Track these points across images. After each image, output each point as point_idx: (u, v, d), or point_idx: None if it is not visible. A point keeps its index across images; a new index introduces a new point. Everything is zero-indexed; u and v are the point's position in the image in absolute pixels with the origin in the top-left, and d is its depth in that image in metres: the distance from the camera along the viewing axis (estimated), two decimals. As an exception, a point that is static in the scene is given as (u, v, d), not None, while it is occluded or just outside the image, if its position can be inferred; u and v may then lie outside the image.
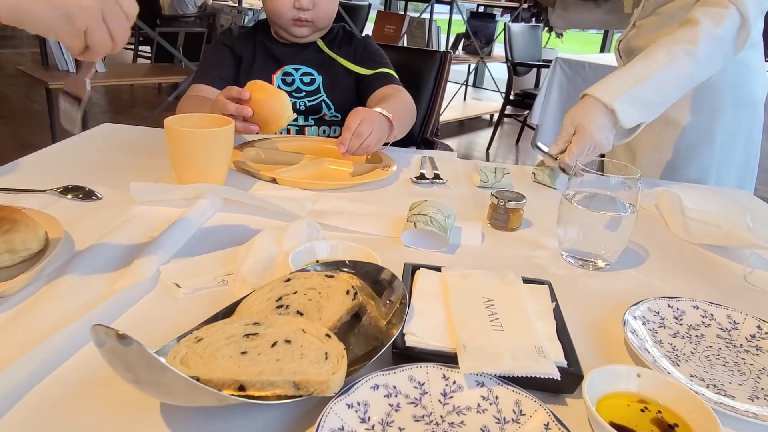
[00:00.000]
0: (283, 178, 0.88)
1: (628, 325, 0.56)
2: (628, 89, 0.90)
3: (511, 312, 0.54)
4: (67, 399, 0.43)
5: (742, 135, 1.17)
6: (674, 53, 0.90)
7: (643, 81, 0.90)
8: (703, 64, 0.91)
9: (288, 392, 0.41)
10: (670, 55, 0.90)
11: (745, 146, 1.19)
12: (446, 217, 0.73)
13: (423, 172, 0.99)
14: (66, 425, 0.40)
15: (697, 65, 0.91)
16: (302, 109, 1.19)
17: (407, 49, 1.89)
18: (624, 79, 0.92)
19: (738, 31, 0.91)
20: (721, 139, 1.16)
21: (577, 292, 0.66)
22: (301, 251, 0.61)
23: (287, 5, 1.11)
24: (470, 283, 0.58)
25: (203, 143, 0.80)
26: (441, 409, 0.44)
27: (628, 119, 0.91)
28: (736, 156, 1.18)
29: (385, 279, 0.56)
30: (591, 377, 0.45)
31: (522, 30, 4.17)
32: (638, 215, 0.88)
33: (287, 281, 0.54)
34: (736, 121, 1.15)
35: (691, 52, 0.90)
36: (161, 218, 0.72)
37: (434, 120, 1.60)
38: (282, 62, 1.19)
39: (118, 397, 0.43)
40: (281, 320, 0.48)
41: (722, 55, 0.93)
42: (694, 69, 0.91)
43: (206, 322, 0.49)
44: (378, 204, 0.85)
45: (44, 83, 2.41)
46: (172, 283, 0.58)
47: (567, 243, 0.73)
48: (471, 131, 4.92)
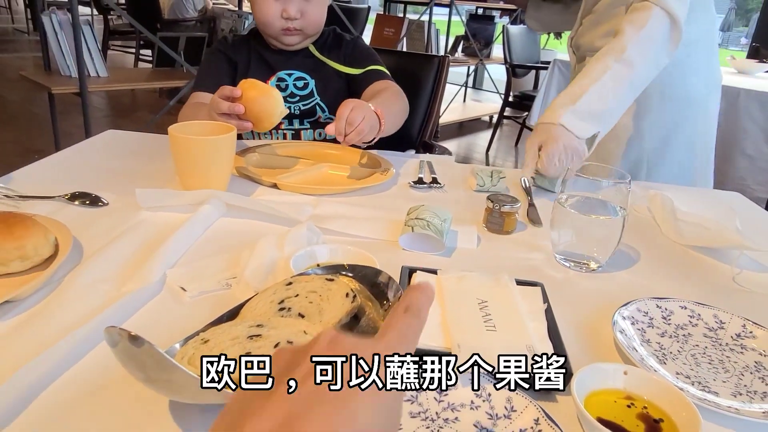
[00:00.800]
0: (284, 184, 0.91)
1: (617, 325, 0.58)
2: (570, 105, 0.96)
3: (504, 313, 0.56)
4: (79, 399, 0.45)
5: (678, 132, 1.21)
6: (606, 63, 0.96)
7: (582, 95, 0.95)
8: (639, 67, 0.96)
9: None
10: (603, 66, 0.96)
11: (687, 144, 1.22)
12: (443, 221, 0.75)
13: (421, 177, 1.02)
14: (78, 425, 0.43)
15: (632, 69, 0.96)
16: (297, 113, 1.22)
17: (406, 53, 1.91)
18: (565, 97, 0.97)
19: (670, 29, 0.96)
20: (649, 134, 1.21)
21: (569, 294, 0.68)
22: (302, 255, 0.64)
23: (275, 15, 1.14)
24: (465, 285, 0.60)
25: (206, 150, 0.82)
26: (436, 406, 0.46)
27: (581, 131, 0.95)
28: (673, 153, 1.22)
29: (383, 282, 0.58)
30: (579, 375, 0.47)
31: (520, 32, 4.19)
32: (630, 218, 0.91)
33: (289, 284, 0.56)
34: (665, 118, 1.20)
35: (621, 59, 0.95)
36: (166, 224, 0.74)
37: (433, 123, 1.62)
38: (275, 68, 1.21)
39: (128, 397, 0.45)
40: (283, 322, 0.50)
41: (655, 54, 0.98)
42: (631, 73, 0.96)
43: (212, 324, 0.51)
44: (377, 208, 0.87)
45: (47, 88, 2.43)
46: (178, 286, 0.61)
47: (560, 246, 0.75)
48: (471, 133, 4.94)
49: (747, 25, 12.55)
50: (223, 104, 0.93)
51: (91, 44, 2.57)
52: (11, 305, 0.55)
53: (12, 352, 0.49)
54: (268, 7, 1.13)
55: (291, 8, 1.12)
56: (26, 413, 0.43)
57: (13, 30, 8.23)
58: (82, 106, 2.44)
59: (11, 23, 8.71)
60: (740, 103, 2.55)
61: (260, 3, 1.14)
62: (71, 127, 3.27)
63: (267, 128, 0.97)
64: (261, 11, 1.14)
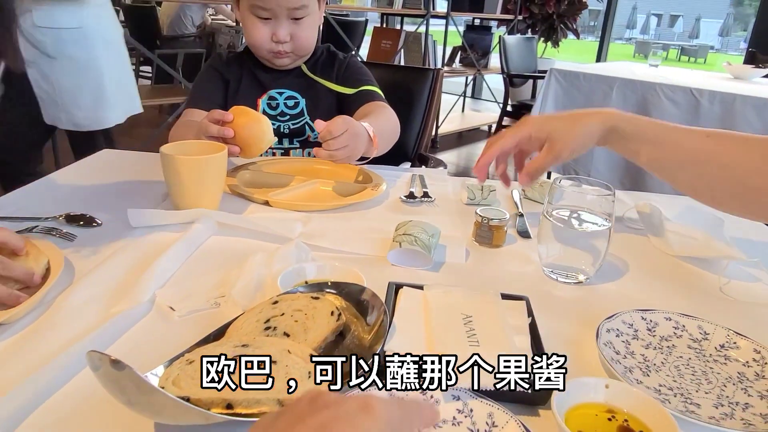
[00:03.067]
0: (275, 201, 0.92)
1: (602, 338, 0.58)
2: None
3: (488, 327, 0.56)
4: (67, 420, 0.46)
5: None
6: None
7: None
8: None
9: (273, 409, 0.43)
10: None
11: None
12: (430, 236, 0.76)
13: (412, 191, 1.03)
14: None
15: None
16: (287, 132, 1.23)
17: (400, 67, 1.94)
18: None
19: None
20: None
21: (556, 307, 0.68)
22: (289, 272, 0.64)
23: (265, 39, 1.15)
24: (450, 300, 0.61)
25: (197, 169, 0.83)
26: (418, 423, 0.47)
27: None
28: None
29: (367, 299, 0.59)
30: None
31: (517, 42, 4.22)
32: (620, 229, 0.91)
33: (275, 303, 0.57)
34: None
35: None
36: (158, 243, 0.75)
37: (428, 135, 1.64)
38: (267, 87, 1.23)
39: (115, 419, 0.46)
40: (268, 342, 0.51)
41: None
42: None
43: (198, 344, 0.52)
44: (367, 224, 0.88)
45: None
46: (167, 306, 0.61)
47: (548, 259, 0.76)
48: (470, 142, 4.96)
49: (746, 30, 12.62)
50: (213, 128, 0.94)
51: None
52: (1, 328, 0.55)
53: (1, 375, 0.50)
54: (257, 31, 1.15)
55: (280, 32, 1.14)
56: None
57: (15, 49, 8.30)
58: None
59: (14, 42, 8.77)
60: (736, 108, 2.56)
61: (250, 26, 1.15)
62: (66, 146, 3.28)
63: (255, 155, 0.97)
64: (251, 35, 1.16)
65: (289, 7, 1.12)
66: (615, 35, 7.55)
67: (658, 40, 19.21)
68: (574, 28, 5.54)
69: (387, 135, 1.14)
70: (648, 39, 20.17)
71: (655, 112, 2.83)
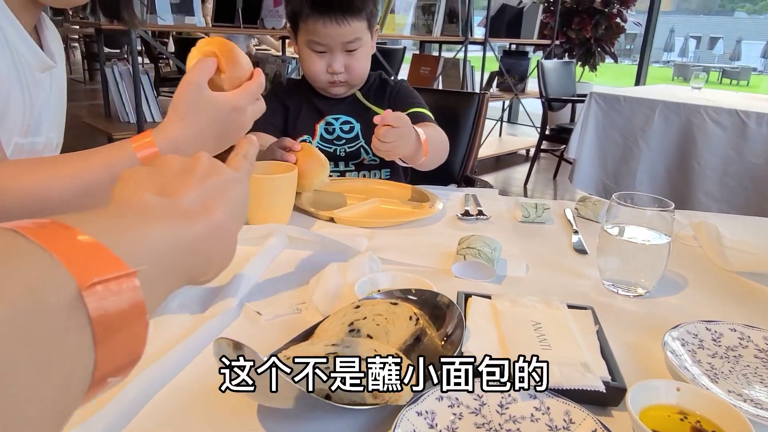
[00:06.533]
0: (340, 217, 0.97)
1: (668, 346, 0.61)
2: None
3: (558, 333, 0.59)
4: (172, 413, 0.50)
5: None
6: None
7: None
8: None
9: (367, 401, 0.48)
10: None
11: None
12: (492, 249, 0.80)
13: (467, 209, 1.07)
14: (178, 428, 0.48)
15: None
16: (343, 155, 1.29)
17: (446, 92, 1.99)
18: None
19: None
20: None
21: (618, 318, 0.71)
22: (365, 281, 0.69)
23: (321, 71, 1.22)
24: (518, 309, 0.65)
25: (270, 188, 0.90)
26: (499, 418, 0.50)
27: None
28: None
29: (443, 305, 0.62)
30: (633, 391, 0.50)
31: (555, 66, 4.25)
32: (677, 246, 0.93)
33: (357, 308, 0.61)
34: None
35: None
36: (237, 255, 0.80)
37: (474, 158, 1.68)
38: (324, 113, 1.30)
39: (220, 407, 0.50)
40: (355, 342, 0.55)
41: None
42: None
43: (289, 343, 0.57)
44: (428, 239, 0.93)
45: (108, 133, 2.61)
46: (254, 311, 0.67)
47: (608, 272, 0.78)
48: (507, 167, 4.97)
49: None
50: (278, 153, 1.01)
51: (148, 92, 2.75)
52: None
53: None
54: (313, 64, 1.22)
55: (335, 64, 1.21)
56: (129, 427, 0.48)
57: (70, 80, 8.77)
58: (140, 150, 2.60)
59: (69, 74, 9.27)
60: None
61: (307, 59, 1.23)
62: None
63: (306, 189, 1.02)
64: (308, 67, 1.24)
65: (344, 42, 1.19)
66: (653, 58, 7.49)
67: (698, 63, 18.90)
68: (612, 51, 5.55)
69: (436, 148, 1.18)
70: (687, 61, 19.86)
71: (700, 135, 2.81)
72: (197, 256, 0.39)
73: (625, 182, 3.08)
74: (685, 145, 2.88)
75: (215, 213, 0.41)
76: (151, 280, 0.32)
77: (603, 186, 3.19)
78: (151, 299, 0.30)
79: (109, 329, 0.27)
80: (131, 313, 0.28)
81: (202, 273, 0.41)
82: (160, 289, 0.35)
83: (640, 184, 3.03)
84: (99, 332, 0.27)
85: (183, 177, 0.42)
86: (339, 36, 1.18)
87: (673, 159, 2.93)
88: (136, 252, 0.32)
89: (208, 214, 0.40)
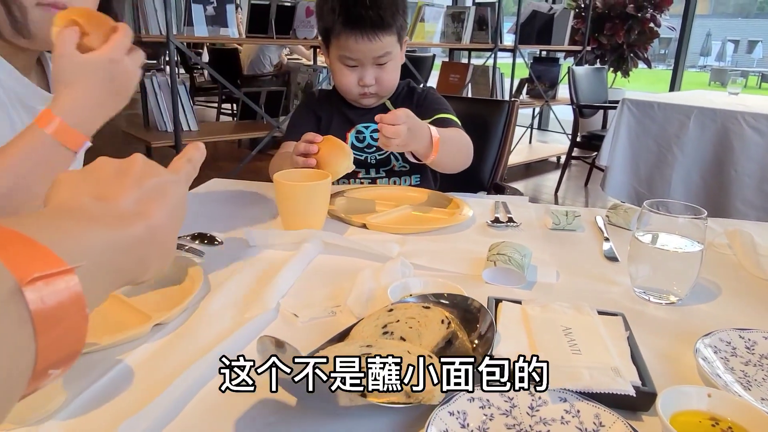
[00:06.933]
0: (372, 224, 0.99)
1: (700, 353, 0.61)
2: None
3: (588, 338, 0.60)
4: (215, 410, 0.53)
5: None
6: None
7: None
8: None
9: (401, 400, 0.49)
10: None
11: None
12: (523, 256, 0.81)
13: (497, 216, 1.08)
14: (220, 426, 0.51)
15: None
16: (374, 163, 1.32)
17: (476, 99, 2.01)
18: None
19: None
20: None
21: (649, 325, 0.71)
22: (398, 286, 0.71)
23: (353, 84, 1.26)
24: (549, 314, 0.66)
25: (306, 194, 0.93)
26: (529, 420, 0.51)
27: None
28: None
29: (474, 309, 0.64)
30: (663, 396, 0.51)
31: (586, 72, 4.21)
32: (711, 254, 0.92)
33: (390, 311, 0.63)
34: None
35: None
36: (274, 259, 0.84)
37: (504, 165, 1.69)
38: (354, 122, 1.33)
39: (260, 404, 0.53)
40: (389, 344, 0.57)
41: None
42: None
43: (326, 344, 0.59)
44: (458, 245, 0.94)
45: (147, 142, 2.70)
46: (291, 313, 0.69)
47: (639, 280, 0.79)
48: (538, 174, 4.94)
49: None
50: (301, 145, 1.06)
51: (184, 101, 2.84)
52: (160, 327, 0.65)
53: (163, 366, 0.59)
54: (345, 77, 1.25)
55: (367, 77, 1.24)
56: (176, 421, 0.51)
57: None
58: (177, 158, 2.68)
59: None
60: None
61: (338, 73, 1.26)
62: (162, 177, 3.56)
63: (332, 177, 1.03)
64: (340, 80, 1.27)
65: (375, 56, 1.22)
66: (688, 63, 7.33)
67: (736, 67, 18.38)
68: (645, 57, 5.46)
69: (452, 148, 1.18)
70: (724, 66, 19.34)
71: (737, 142, 2.75)
72: (134, 257, 0.40)
73: (659, 190, 3.03)
74: (721, 152, 2.82)
75: (153, 215, 0.42)
76: (90, 279, 0.33)
77: (636, 194, 3.14)
78: (90, 297, 0.32)
79: (49, 322, 0.29)
80: (71, 307, 0.30)
81: (141, 273, 0.42)
82: (99, 288, 0.36)
83: (675, 191, 2.97)
84: (39, 325, 0.28)
85: (118, 180, 0.43)
86: (370, 51, 1.21)
87: (709, 166, 2.88)
88: (74, 252, 0.33)
89: (146, 216, 0.41)
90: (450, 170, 1.24)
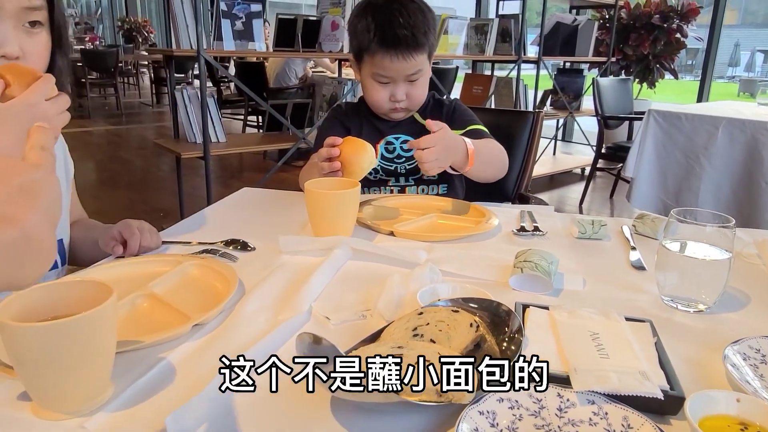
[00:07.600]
0: (400, 231, 1.02)
1: (728, 360, 0.61)
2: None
3: (616, 343, 0.61)
4: (252, 406, 0.55)
5: None
6: None
7: None
8: None
9: (432, 399, 0.51)
10: None
11: None
12: (549, 263, 0.82)
13: (523, 225, 1.09)
14: (258, 424, 0.53)
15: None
16: (403, 172, 1.35)
17: (500, 111, 2.01)
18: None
19: None
20: None
21: (677, 332, 0.71)
22: (427, 290, 0.73)
23: (383, 100, 1.29)
24: (576, 319, 0.67)
25: (336, 202, 0.96)
26: (558, 421, 0.52)
27: None
28: None
29: (502, 313, 0.65)
30: (692, 400, 0.51)
31: (611, 83, 4.19)
32: (740, 264, 0.92)
33: (420, 314, 0.65)
34: None
35: None
36: (305, 264, 0.87)
37: (528, 176, 1.69)
38: (384, 133, 1.36)
39: (294, 401, 0.55)
40: (420, 345, 0.59)
41: None
42: None
43: (359, 345, 0.61)
44: (485, 253, 0.95)
45: (176, 154, 2.78)
46: (323, 316, 0.72)
47: (667, 288, 0.79)
48: (562, 185, 4.90)
49: None
50: (323, 150, 1.09)
51: (213, 114, 2.91)
52: (199, 327, 0.68)
53: (202, 363, 0.61)
54: (376, 93, 1.29)
55: (398, 93, 1.27)
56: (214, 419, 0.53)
57: (139, 104, 9.33)
58: (205, 169, 2.75)
59: (138, 98, 9.89)
60: None
61: (370, 89, 1.30)
62: (188, 188, 3.66)
63: (357, 176, 1.07)
64: (371, 96, 1.30)
65: (407, 74, 1.26)
66: (716, 74, 7.22)
67: (766, 78, 18.02)
68: (672, 68, 5.41)
69: (488, 158, 1.22)
70: (754, 77, 18.95)
71: (767, 152, 2.71)
72: (11, 262, 0.40)
73: (687, 201, 2.99)
74: (750, 163, 2.77)
75: (27, 219, 0.41)
76: None
77: (663, 205, 3.10)
78: None
79: None
80: None
81: (21, 278, 0.43)
82: None
83: (703, 203, 2.93)
84: None
85: None
86: (404, 69, 1.24)
87: (738, 178, 2.83)
88: None
89: (18, 221, 0.41)
90: (486, 179, 1.26)
